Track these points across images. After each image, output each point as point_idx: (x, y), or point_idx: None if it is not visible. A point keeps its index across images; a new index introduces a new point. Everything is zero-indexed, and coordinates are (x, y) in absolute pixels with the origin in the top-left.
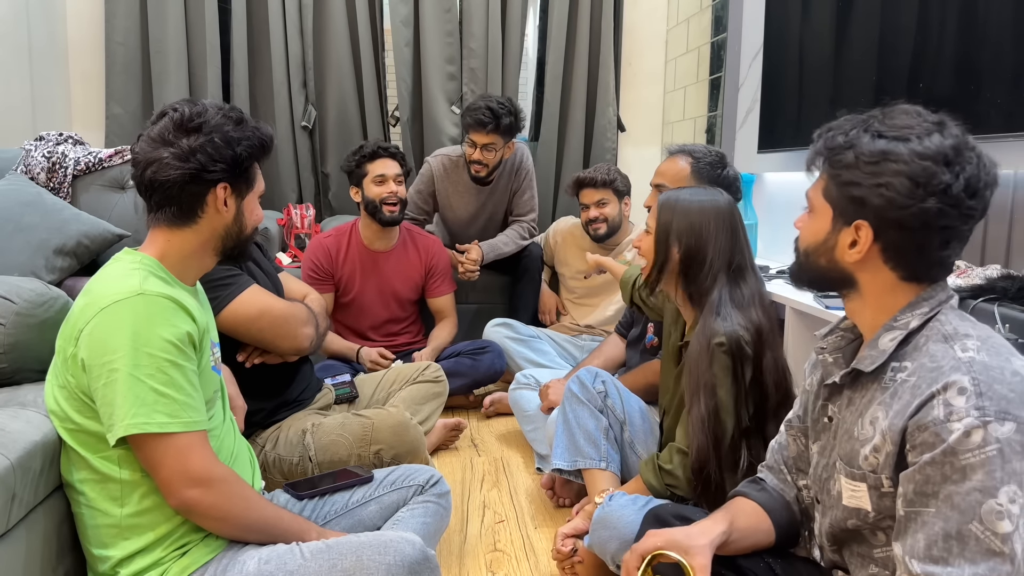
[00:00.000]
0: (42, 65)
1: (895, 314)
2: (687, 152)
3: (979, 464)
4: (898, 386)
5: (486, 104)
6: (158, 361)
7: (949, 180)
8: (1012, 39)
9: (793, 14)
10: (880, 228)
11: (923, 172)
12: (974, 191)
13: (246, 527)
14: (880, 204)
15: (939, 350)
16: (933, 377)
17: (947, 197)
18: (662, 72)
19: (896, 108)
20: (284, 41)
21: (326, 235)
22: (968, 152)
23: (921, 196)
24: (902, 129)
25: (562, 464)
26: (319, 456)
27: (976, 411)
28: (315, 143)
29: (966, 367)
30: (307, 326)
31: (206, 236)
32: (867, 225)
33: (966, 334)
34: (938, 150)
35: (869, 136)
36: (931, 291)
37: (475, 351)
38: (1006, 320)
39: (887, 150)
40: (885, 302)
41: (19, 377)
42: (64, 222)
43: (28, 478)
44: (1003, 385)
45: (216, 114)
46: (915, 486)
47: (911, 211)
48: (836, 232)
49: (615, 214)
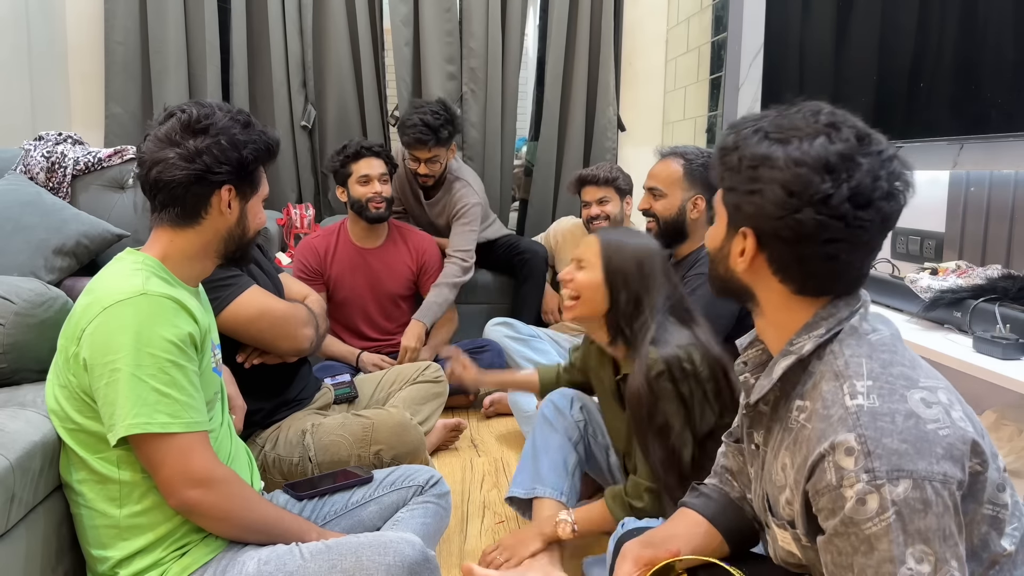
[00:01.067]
0: (42, 65)
1: (791, 336)
2: (679, 154)
3: (882, 533)
4: (799, 431)
5: (420, 119)
6: (160, 361)
7: (828, 189)
8: (1012, 39)
9: (793, 14)
10: (761, 238)
11: (796, 180)
12: (866, 201)
13: (246, 528)
14: (752, 212)
15: (830, 392)
16: (822, 431)
17: (826, 208)
18: (662, 72)
19: (801, 106)
20: (284, 41)
21: (314, 235)
22: (862, 158)
23: (795, 206)
24: (787, 131)
25: (520, 492)
26: (319, 456)
27: (866, 475)
28: (315, 143)
29: (852, 421)
30: (307, 327)
31: (209, 237)
32: (751, 232)
33: (857, 372)
34: (818, 156)
35: (757, 138)
36: (831, 308)
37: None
38: (1006, 320)
39: (766, 155)
40: (783, 320)
41: (19, 377)
42: (63, 222)
43: (28, 478)
44: (893, 437)
45: (223, 116)
46: (831, 557)
47: (784, 222)
48: (729, 239)
49: (616, 212)
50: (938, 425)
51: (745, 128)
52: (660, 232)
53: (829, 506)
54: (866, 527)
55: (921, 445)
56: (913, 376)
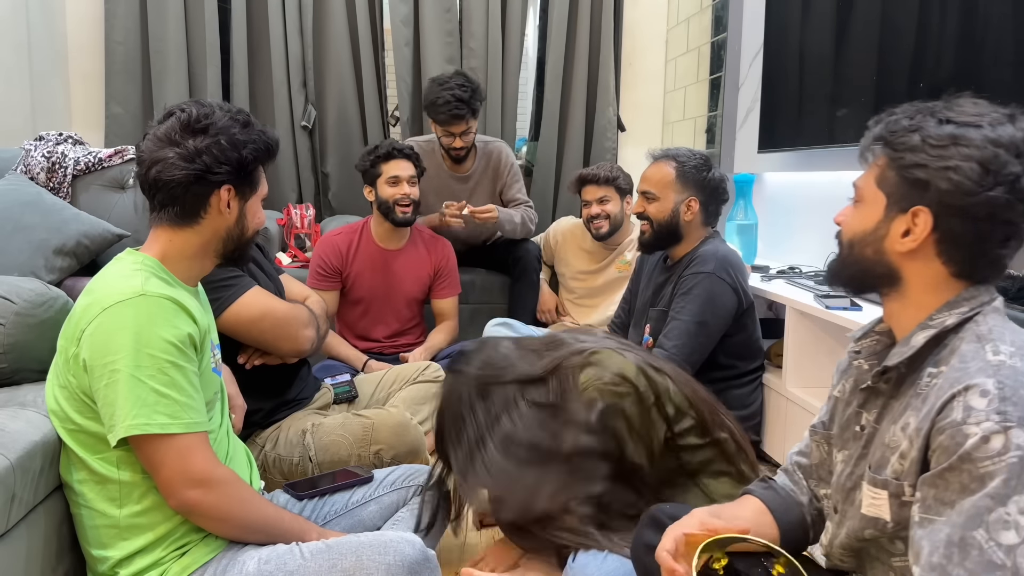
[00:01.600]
0: (42, 65)
1: (931, 312)
2: (671, 156)
3: (997, 472)
4: (928, 392)
5: (451, 95)
6: (159, 362)
7: (1019, 171)
8: (1012, 39)
9: (793, 14)
10: (940, 215)
11: (995, 159)
12: None
13: (247, 527)
14: (946, 188)
15: (970, 351)
16: (957, 377)
17: (1015, 189)
18: (662, 72)
19: (961, 99)
20: (284, 41)
21: (336, 232)
22: None
23: (990, 184)
24: (972, 115)
25: None
26: (319, 456)
27: (997, 415)
28: (315, 143)
29: (993, 370)
30: (308, 328)
31: (208, 237)
32: (926, 212)
33: (1001, 337)
34: (1011, 139)
35: (936, 121)
36: (973, 291)
37: None
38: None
39: (957, 134)
40: (927, 300)
41: (19, 377)
42: (64, 222)
43: (28, 478)
44: None
45: (223, 116)
46: (934, 492)
47: (978, 198)
48: (888, 220)
49: (617, 212)
50: None
51: (918, 113)
52: (654, 235)
53: (947, 443)
54: (983, 464)
55: None
56: None
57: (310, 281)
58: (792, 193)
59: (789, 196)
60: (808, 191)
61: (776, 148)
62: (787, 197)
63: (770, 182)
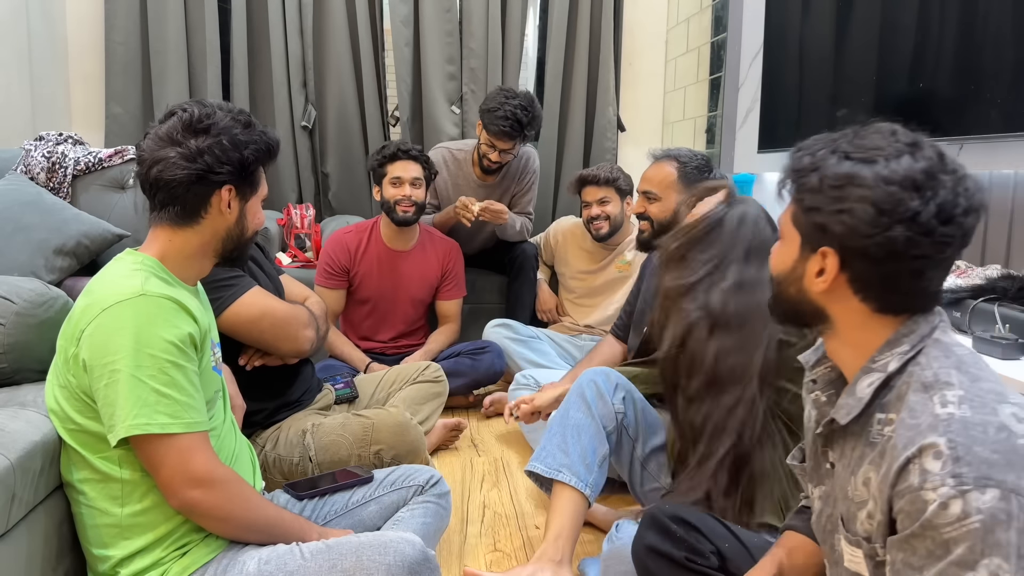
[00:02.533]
0: (42, 65)
1: (873, 353)
2: (672, 157)
3: (961, 538)
4: (884, 443)
5: (512, 112)
6: (160, 362)
7: (918, 207)
8: (1012, 39)
9: (793, 14)
10: (845, 257)
11: (888, 198)
12: (948, 217)
13: (247, 527)
14: (842, 232)
15: (918, 403)
16: (910, 437)
17: (916, 225)
18: (662, 72)
19: (871, 127)
20: (284, 41)
21: (346, 231)
22: (944, 176)
23: (886, 224)
24: (870, 151)
25: (542, 469)
26: (319, 456)
27: (952, 479)
28: (315, 143)
29: (943, 426)
30: (308, 328)
31: (207, 237)
32: (833, 252)
33: (947, 382)
34: (906, 174)
35: (836, 158)
36: (912, 324)
37: (475, 351)
38: (1006, 320)
39: (852, 173)
40: (861, 339)
41: (19, 377)
42: (64, 222)
43: (28, 478)
44: (985, 446)
45: (225, 116)
46: (903, 555)
47: (875, 240)
48: (803, 260)
49: (617, 213)
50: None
51: (819, 149)
52: (655, 235)
53: (908, 508)
54: (945, 531)
55: (1012, 458)
56: (1002, 392)
57: (317, 279)
58: None
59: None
60: None
61: (776, 148)
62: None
63: (770, 182)
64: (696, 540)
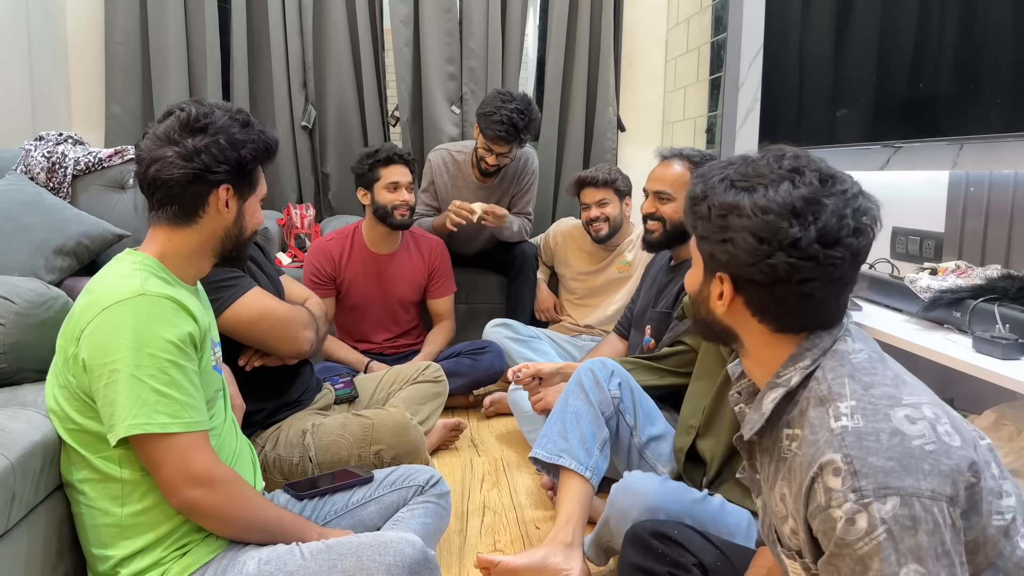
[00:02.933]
0: (42, 65)
1: (777, 369)
2: (684, 156)
3: (873, 552)
4: (792, 459)
5: (508, 116)
6: (159, 361)
7: (796, 233)
8: (1012, 39)
9: (793, 14)
10: (737, 282)
11: (765, 227)
12: (833, 240)
13: (247, 527)
14: (726, 260)
15: (816, 417)
16: (812, 456)
17: (796, 251)
18: (662, 72)
19: (766, 150)
20: (284, 41)
21: (327, 238)
22: (827, 199)
23: (766, 252)
24: (752, 179)
25: (543, 455)
26: (319, 456)
27: (853, 494)
28: (315, 143)
29: (838, 442)
30: (308, 329)
31: (206, 236)
32: (727, 277)
33: (840, 393)
34: (783, 202)
35: (723, 186)
36: (815, 339)
37: (475, 351)
38: (1006, 320)
39: (734, 204)
40: (766, 356)
41: (19, 377)
42: (64, 222)
43: (28, 478)
44: (879, 455)
45: (223, 116)
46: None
47: (757, 267)
48: (707, 283)
49: (616, 214)
50: (924, 441)
51: (712, 177)
52: (665, 235)
53: (822, 528)
54: (858, 547)
55: (907, 462)
56: (896, 394)
57: None
58: None
59: None
60: None
61: None
62: None
63: None
64: (678, 554)
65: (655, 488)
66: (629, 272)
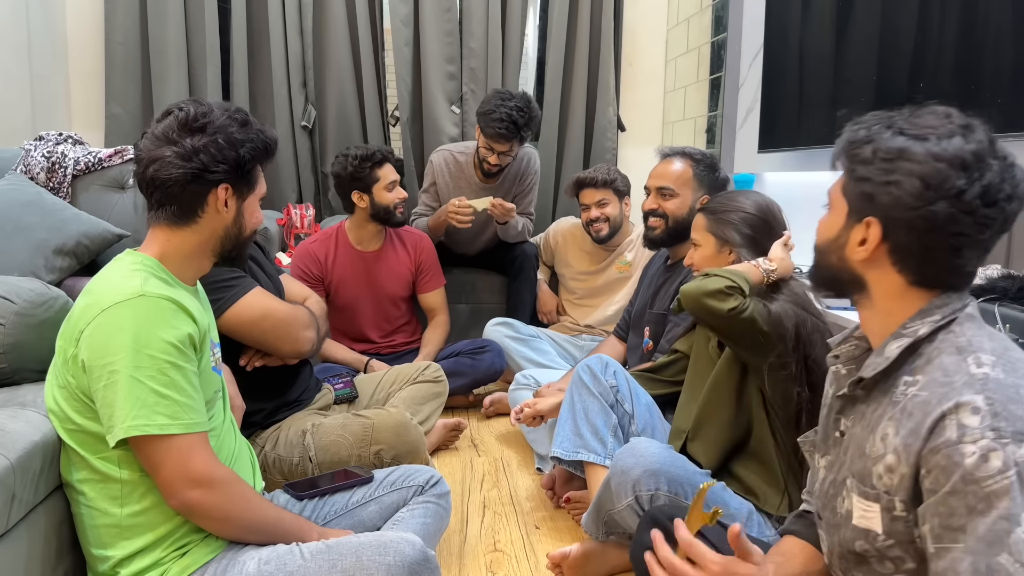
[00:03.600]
0: (42, 65)
1: (904, 321)
2: (687, 154)
3: (1003, 491)
4: (908, 401)
5: (508, 114)
6: (159, 363)
7: (963, 185)
8: (1012, 39)
9: (793, 14)
10: (888, 227)
11: (935, 174)
12: (992, 200)
13: (247, 528)
14: (887, 202)
15: (951, 363)
16: (944, 394)
17: (959, 203)
18: (662, 72)
19: (927, 108)
20: (284, 41)
21: (311, 240)
22: (992, 160)
23: (931, 198)
24: (924, 128)
25: (562, 453)
26: (319, 456)
27: (992, 432)
28: (315, 143)
29: (980, 384)
30: (308, 329)
31: (205, 236)
32: (876, 222)
33: (981, 347)
34: (955, 153)
35: (890, 133)
36: (945, 298)
37: (475, 351)
38: (1006, 320)
39: (904, 148)
40: (894, 308)
41: (19, 377)
42: (64, 222)
43: (28, 478)
44: (1020, 405)
45: (221, 115)
46: (940, 520)
47: (919, 213)
48: (848, 228)
49: (616, 214)
50: None
51: (875, 124)
52: (668, 231)
53: (944, 463)
54: (986, 484)
55: None
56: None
57: None
58: (792, 193)
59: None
60: (808, 191)
61: (776, 148)
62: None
63: (770, 182)
64: None
65: (658, 451)
66: (629, 272)
